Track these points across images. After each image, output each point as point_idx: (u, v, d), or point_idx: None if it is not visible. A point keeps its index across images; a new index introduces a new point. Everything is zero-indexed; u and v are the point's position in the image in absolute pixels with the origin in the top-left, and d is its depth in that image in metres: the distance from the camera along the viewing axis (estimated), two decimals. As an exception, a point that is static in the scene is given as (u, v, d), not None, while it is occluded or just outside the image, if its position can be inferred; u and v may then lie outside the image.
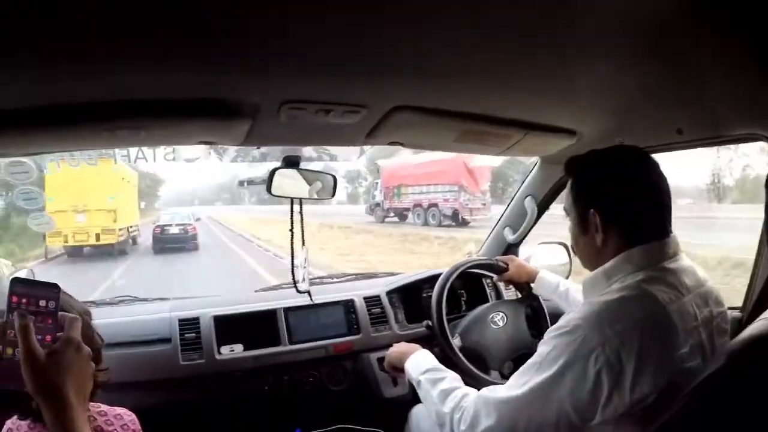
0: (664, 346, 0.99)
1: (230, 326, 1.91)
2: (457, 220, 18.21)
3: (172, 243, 14.49)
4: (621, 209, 1.11)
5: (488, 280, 2.28)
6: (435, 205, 19.44)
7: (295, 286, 1.88)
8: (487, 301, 2.14)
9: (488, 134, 1.53)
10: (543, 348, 1.06)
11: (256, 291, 2.34)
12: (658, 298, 1.01)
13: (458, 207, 18.04)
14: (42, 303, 0.72)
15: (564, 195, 1.23)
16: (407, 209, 21.79)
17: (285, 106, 1.25)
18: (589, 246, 1.15)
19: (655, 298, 1.01)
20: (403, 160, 23.36)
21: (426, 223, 19.67)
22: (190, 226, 15.36)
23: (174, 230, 14.97)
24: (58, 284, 0.77)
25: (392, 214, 23.12)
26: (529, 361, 1.10)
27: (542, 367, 1.03)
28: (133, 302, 2.16)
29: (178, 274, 10.70)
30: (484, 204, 18.10)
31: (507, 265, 1.94)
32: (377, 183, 24.83)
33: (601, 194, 1.13)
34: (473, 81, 1.20)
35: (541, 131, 1.55)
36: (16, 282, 0.72)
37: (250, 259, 13.25)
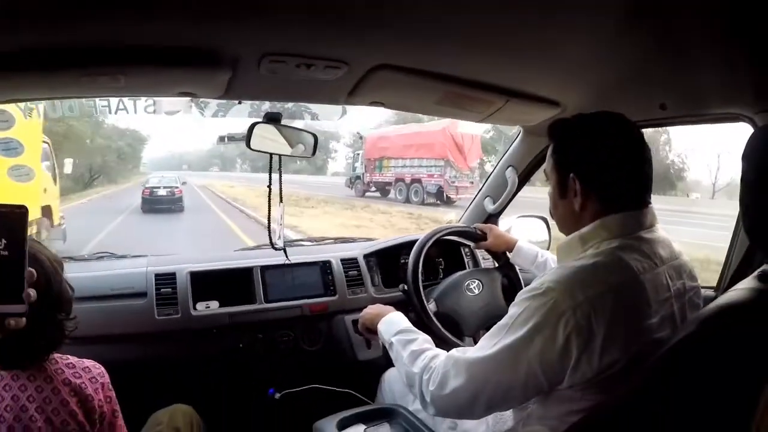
0: (635, 314, 1.02)
1: (206, 283, 1.94)
2: (442, 198, 17.67)
3: (159, 204, 16.04)
4: (601, 176, 1.11)
5: (466, 249, 2.35)
6: (418, 180, 18.80)
7: (271, 243, 1.90)
8: (465, 269, 2.17)
9: (470, 99, 1.54)
10: (514, 309, 1.07)
11: (234, 251, 2.38)
12: (632, 267, 1.03)
13: (443, 184, 17.38)
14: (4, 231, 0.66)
15: (547, 158, 1.23)
16: (389, 184, 21.18)
17: (265, 58, 1.26)
18: (567, 210, 1.17)
19: (629, 266, 1.03)
20: (386, 131, 23.23)
21: (407, 200, 19.21)
22: (177, 189, 16.97)
23: (162, 192, 16.61)
24: (26, 206, 0.71)
25: (373, 189, 22.52)
26: (500, 322, 1.10)
27: (512, 328, 1.04)
28: (110, 258, 2.18)
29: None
30: (472, 183, 17.02)
31: (485, 233, 1.98)
32: (358, 154, 24.15)
33: (582, 160, 1.13)
34: (457, 43, 1.20)
35: (523, 99, 1.57)
36: None
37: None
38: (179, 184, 17.85)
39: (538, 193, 1.81)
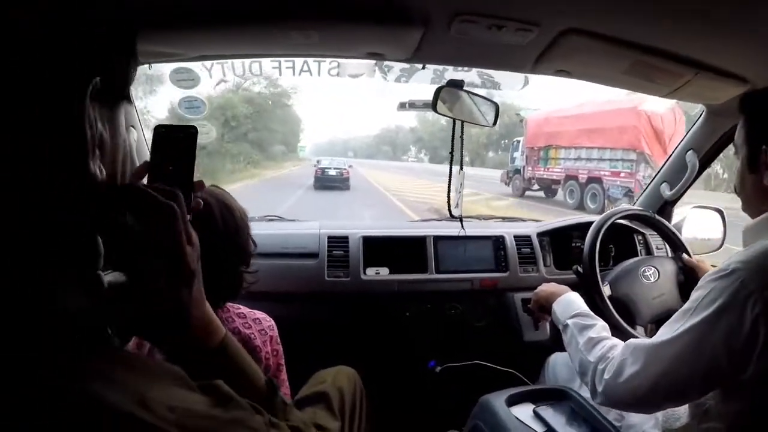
0: None
1: (378, 249, 2.34)
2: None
3: (329, 182, 22.95)
4: None
5: (639, 236, 2.56)
6: (597, 179, 17.05)
7: (450, 211, 2.18)
8: (637, 256, 2.38)
9: (659, 69, 1.71)
10: (698, 293, 1.17)
11: (407, 221, 2.82)
12: None
13: (634, 187, 15.36)
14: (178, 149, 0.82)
15: (737, 129, 1.35)
16: (556, 182, 19.97)
17: (457, 18, 1.43)
18: (755, 186, 1.27)
19: None
20: (555, 110, 20.71)
21: (581, 206, 17.39)
22: (345, 170, 24.25)
23: (332, 172, 23.91)
24: (196, 127, 0.86)
25: (536, 187, 21.49)
26: (683, 307, 1.21)
27: (697, 311, 1.14)
28: (281, 221, 2.71)
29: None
30: (676, 186, 16.02)
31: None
32: (518, 142, 22.85)
33: None
34: (652, 8, 1.34)
35: (712, 73, 1.70)
36: (157, 129, 0.85)
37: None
38: (347, 166, 25.09)
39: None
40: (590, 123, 17.50)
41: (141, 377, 0.55)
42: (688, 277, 2.11)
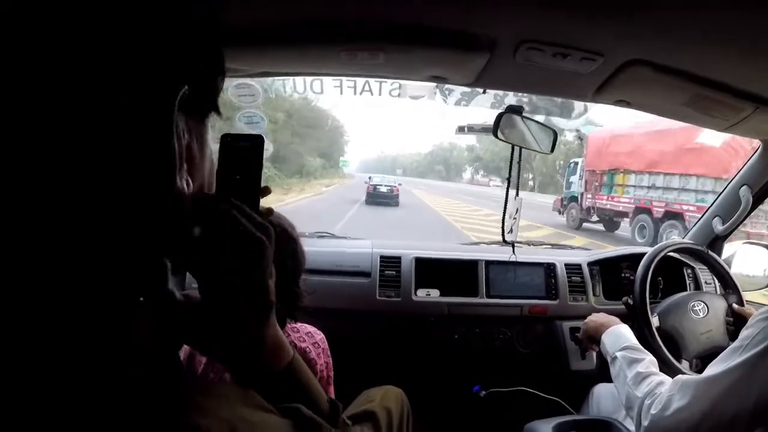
0: None
1: (430, 270, 2.54)
2: (719, 249, 13.36)
3: (380, 198, 26.61)
4: None
5: (688, 270, 2.71)
6: (678, 215, 15.51)
7: (503, 236, 2.40)
8: (686, 290, 2.54)
9: (719, 103, 1.83)
10: (748, 331, 1.27)
11: (458, 243, 3.05)
12: None
13: None
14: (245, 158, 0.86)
15: None
16: (622, 214, 18.27)
17: (523, 45, 1.55)
18: None
19: None
20: (625, 126, 18.63)
21: (654, 245, 15.21)
22: (395, 187, 27.85)
23: (383, 189, 27.54)
24: (262, 136, 0.91)
25: (595, 218, 19.80)
26: (733, 344, 1.30)
27: (746, 349, 1.24)
28: (332, 238, 2.93)
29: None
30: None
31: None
32: (575, 164, 21.60)
33: None
34: (715, 42, 1.45)
35: None
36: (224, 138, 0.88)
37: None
38: (396, 184, 28.75)
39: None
40: (669, 141, 15.59)
41: (226, 404, 0.61)
42: (736, 316, 2.26)
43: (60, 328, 0.54)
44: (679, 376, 1.45)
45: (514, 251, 2.51)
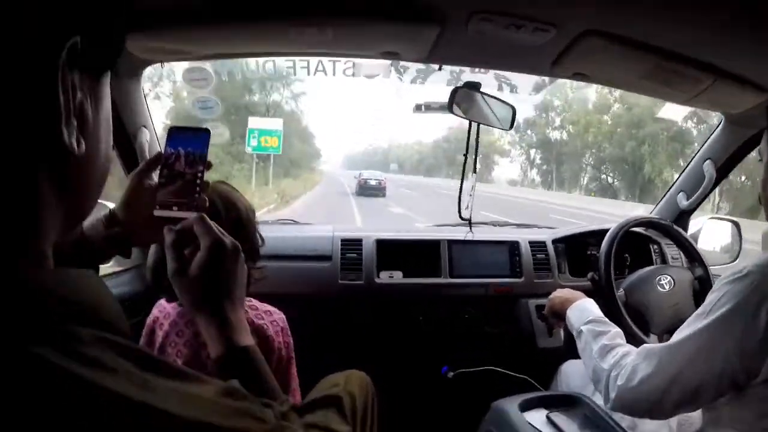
0: None
1: (392, 252, 2.47)
2: None
3: (369, 190, 31.15)
4: None
5: (654, 246, 2.68)
6: None
7: (459, 213, 2.37)
8: (653, 265, 2.46)
9: (677, 74, 1.80)
10: (713, 296, 1.24)
11: (417, 224, 2.94)
12: None
13: None
14: (189, 151, 0.99)
15: (763, 136, 1.40)
16: None
17: (475, 16, 1.52)
18: None
19: None
20: None
21: None
22: (383, 180, 32.87)
23: (372, 182, 32.38)
24: (209, 129, 1.01)
25: None
26: (698, 310, 1.28)
27: (710, 313, 1.22)
28: (295, 224, 2.85)
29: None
30: None
31: None
32: None
33: None
34: (673, 11, 1.42)
35: (730, 81, 1.80)
36: (171, 130, 1.00)
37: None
38: (384, 177, 34.08)
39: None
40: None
41: (150, 371, 0.54)
42: (703, 287, 2.23)
43: None
44: (644, 345, 1.44)
45: (471, 228, 2.52)
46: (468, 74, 2.34)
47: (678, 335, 1.32)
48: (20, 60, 0.49)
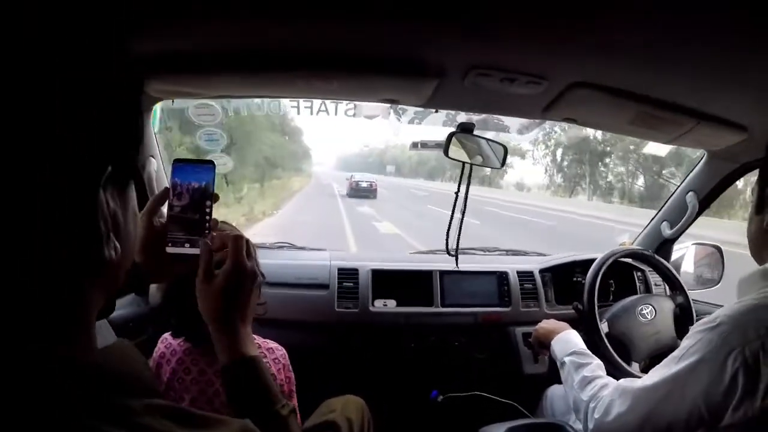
0: None
1: (386, 281, 2.54)
2: None
3: (360, 191, 31.25)
4: None
5: (639, 273, 2.76)
6: None
7: (447, 248, 2.49)
8: (636, 293, 2.60)
9: (662, 120, 1.87)
10: (686, 342, 1.28)
11: (410, 253, 3.07)
12: None
13: None
14: (195, 184, 1.01)
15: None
16: None
17: (472, 71, 1.60)
18: (759, 227, 1.38)
19: None
20: None
21: None
22: (373, 182, 32.87)
23: (363, 184, 32.46)
24: (213, 161, 1.02)
25: None
26: (673, 353, 1.32)
27: (682, 360, 1.26)
28: (291, 248, 2.90)
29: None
30: None
31: None
32: None
33: None
34: (654, 63, 1.48)
35: (712, 122, 1.86)
36: (176, 162, 1.00)
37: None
38: (374, 180, 34.05)
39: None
40: None
41: (186, 426, 0.59)
42: (684, 313, 2.33)
43: None
44: (621, 381, 1.50)
45: (457, 263, 2.63)
46: (463, 116, 2.47)
47: (652, 376, 1.37)
48: (64, 193, 0.53)
